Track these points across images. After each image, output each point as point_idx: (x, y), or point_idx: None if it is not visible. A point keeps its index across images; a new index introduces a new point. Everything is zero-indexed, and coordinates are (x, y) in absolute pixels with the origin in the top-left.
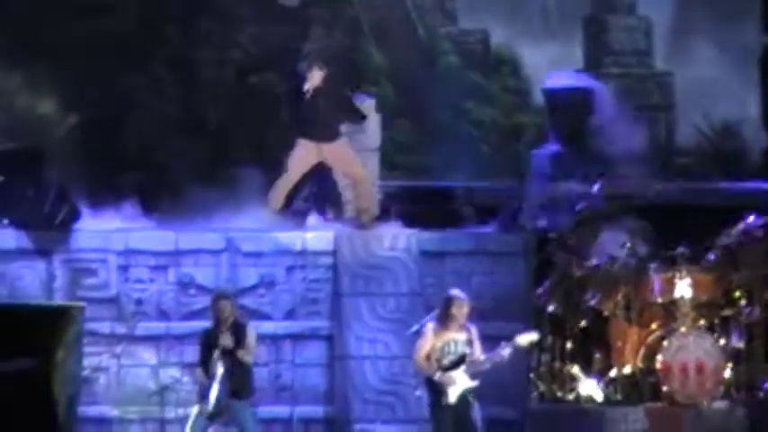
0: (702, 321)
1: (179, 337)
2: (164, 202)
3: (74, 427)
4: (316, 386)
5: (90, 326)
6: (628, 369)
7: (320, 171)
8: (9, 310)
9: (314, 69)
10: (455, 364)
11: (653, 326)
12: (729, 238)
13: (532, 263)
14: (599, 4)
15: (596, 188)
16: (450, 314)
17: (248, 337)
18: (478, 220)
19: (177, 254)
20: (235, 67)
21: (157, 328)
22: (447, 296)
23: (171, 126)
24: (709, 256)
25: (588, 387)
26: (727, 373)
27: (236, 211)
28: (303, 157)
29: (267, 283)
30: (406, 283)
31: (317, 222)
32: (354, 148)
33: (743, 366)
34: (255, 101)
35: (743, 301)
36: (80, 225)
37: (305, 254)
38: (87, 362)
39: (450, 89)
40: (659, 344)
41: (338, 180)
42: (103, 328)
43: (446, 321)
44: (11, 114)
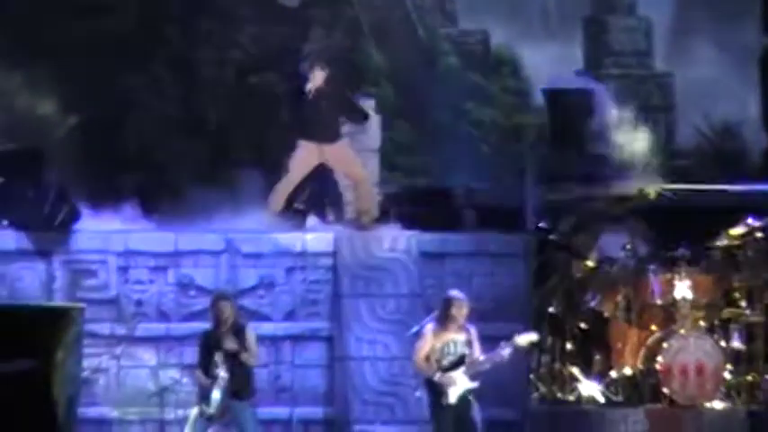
0: (702, 323)
1: (179, 339)
2: (163, 203)
3: (73, 429)
4: (315, 387)
5: (90, 327)
6: (628, 370)
7: (321, 172)
8: (9, 311)
9: (316, 69)
10: (455, 365)
11: (653, 327)
12: (729, 239)
13: (532, 264)
14: (599, 5)
15: (596, 190)
16: (450, 315)
17: (249, 338)
18: (479, 221)
19: (177, 255)
20: (235, 68)
21: (157, 329)
22: (446, 297)
23: (171, 127)
24: (709, 258)
25: (588, 388)
26: (727, 375)
27: (235, 212)
28: (305, 158)
29: (267, 285)
30: (406, 285)
31: (316, 224)
32: (354, 149)
33: (743, 367)
34: (255, 101)
35: (743, 303)
36: (80, 226)
37: (305, 255)
38: (87, 363)
39: (450, 90)
40: (659, 345)
41: (339, 181)
42: (103, 329)
43: (446, 322)
44: (11, 115)
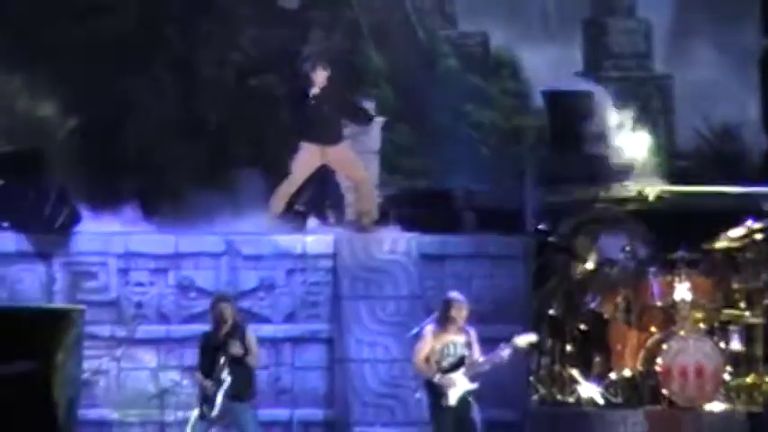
0: (702, 325)
1: (179, 340)
2: (164, 205)
3: (74, 431)
4: (315, 389)
5: (90, 329)
6: (627, 372)
7: (323, 174)
8: (9, 312)
9: (318, 70)
10: (454, 367)
11: (652, 329)
12: (729, 241)
13: (532, 266)
14: (598, 7)
15: (596, 192)
16: (450, 317)
17: (250, 341)
18: (478, 223)
19: (177, 257)
20: (235, 69)
21: (157, 331)
22: (446, 299)
23: (171, 129)
24: (709, 260)
25: (588, 390)
26: (727, 377)
27: (236, 214)
28: (307, 160)
29: (267, 287)
30: (406, 287)
31: (316, 226)
32: (354, 151)
33: (742, 369)
34: (255, 103)
35: (742, 305)
36: (80, 228)
37: (305, 257)
38: (87, 365)
39: (450, 92)
40: (659, 347)
41: (341, 183)
42: (103, 331)
43: (445, 324)
44: (11, 117)
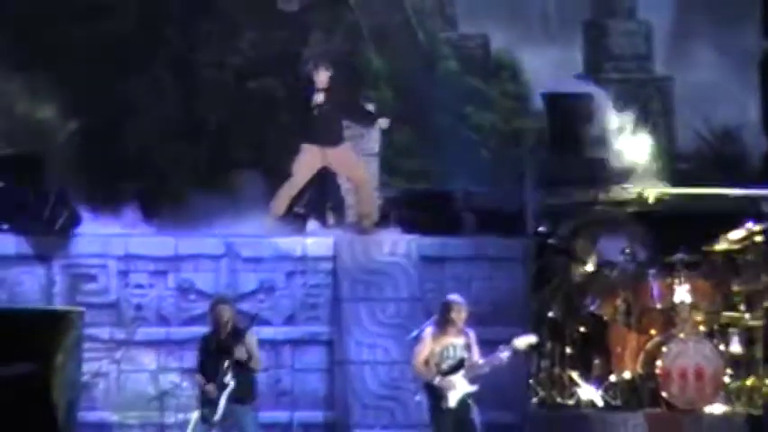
0: (702, 327)
1: (179, 343)
2: (163, 207)
3: None
4: (315, 391)
5: (89, 331)
6: (627, 374)
7: (324, 176)
8: (9, 315)
9: (320, 70)
10: (454, 369)
11: (652, 331)
12: (729, 243)
13: (531, 268)
14: (599, 9)
15: (595, 194)
16: (449, 319)
17: (251, 343)
18: (478, 225)
19: (177, 259)
20: (234, 72)
21: (157, 333)
22: (445, 301)
23: (170, 131)
24: (709, 262)
25: (588, 392)
26: (727, 379)
27: (235, 217)
28: (308, 161)
29: (267, 289)
30: (406, 289)
31: (316, 228)
32: (355, 153)
33: (742, 372)
34: (255, 105)
35: (742, 307)
36: (80, 230)
37: (305, 259)
38: (87, 367)
39: (450, 94)
40: (659, 349)
41: (341, 185)
42: (103, 333)
43: (445, 326)
44: (10, 119)
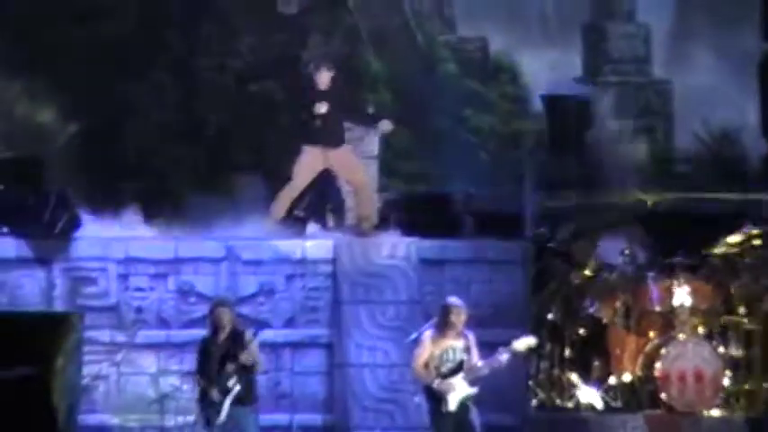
0: (701, 329)
1: (179, 345)
2: (164, 210)
3: None
4: (315, 394)
5: (90, 334)
6: (626, 377)
7: (325, 178)
8: (9, 318)
9: (322, 71)
10: (454, 372)
11: (651, 334)
12: (728, 246)
13: (531, 271)
14: (598, 11)
15: (595, 196)
16: (449, 322)
17: (253, 346)
18: (477, 227)
19: (177, 262)
20: (234, 74)
21: (157, 336)
22: (445, 304)
23: (170, 133)
24: (708, 265)
25: (587, 394)
26: (726, 381)
27: (235, 219)
28: (310, 163)
29: (267, 292)
30: (406, 291)
31: (316, 230)
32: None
33: (741, 374)
34: (255, 108)
35: (741, 310)
36: (80, 233)
37: (304, 262)
38: (87, 370)
39: (449, 97)
40: (658, 352)
41: (342, 187)
42: (103, 336)
43: (444, 329)
44: (10, 122)
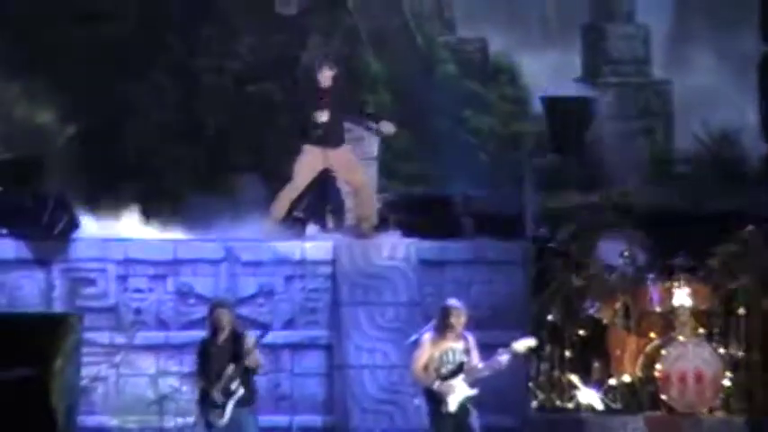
0: (701, 330)
1: (178, 347)
2: (163, 210)
3: None
4: (315, 395)
5: (89, 335)
6: (626, 378)
7: (325, 179)
8: (8, 319)
9: (325, 68)
10: (453, 373)
11: (651, 335)
12: (728, 247)
13: (531, 272)
14: (598, 13)
15: (595, 197)
16: (448, 324)
17: (249, 345)
18: (477, 228)
19: (176, 263)
20: (233, 76)
21: (156, 337)
22: (444, 306)
23: (170, 134)
24: (708, 266)
25: (587, 396)
26: (726, 382)
27: (235, 220)
28: (310, 162)
29: (266, 293)
30: (405, 293)
31: (315, 232)
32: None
33: (741, 375)
34: (254, 109)
35: (741, 311)
36: (79, 234)
37: (304, 263)
38: (86, 371)
39: (449, 98)
40: (658, 353)
41: (341, 188)
42: (102, 337)
43: (444, 331)
44: (9, 124)
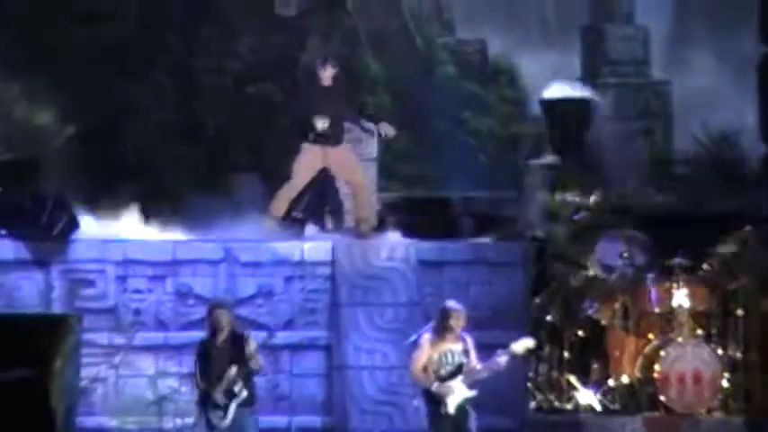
0: (700, 331)
1: (177, 347)
2: (162, 210)
3: None
4: (314, 396)
5: (88, 336)
6: (625, 378)
7: (324, 179)
8: (7, 320)
9: (327, 67)
10: (452, 375)
11: (650, 335)
12: (727, 247)
13: (530, 273)
14: (597, 14)
15: (594, 198)
16: (447, 326)
17: (252, 348)
18: (476, 229)
19: (175, 264)
20: (233, 77)
21: (155, 338)
22: (444, 308)
23: (170, 134)
24: (707, 266)
25: (586, 397)
26: (725, 383)
27: (234, 221)
28: (309, 161)
29: (265, 294)
30: (405, 293)
31: (315, 232)
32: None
33: (740, 375)
34: (254, 109)
35: (740, 311)
36: (78, 235)
37: (303, 264)
38: (85, 372)
39: (448, 99)
40: (657, 353)
41: (340, 188)
42: (101, 338)
43: (443, 333)
44: (9, 125)
